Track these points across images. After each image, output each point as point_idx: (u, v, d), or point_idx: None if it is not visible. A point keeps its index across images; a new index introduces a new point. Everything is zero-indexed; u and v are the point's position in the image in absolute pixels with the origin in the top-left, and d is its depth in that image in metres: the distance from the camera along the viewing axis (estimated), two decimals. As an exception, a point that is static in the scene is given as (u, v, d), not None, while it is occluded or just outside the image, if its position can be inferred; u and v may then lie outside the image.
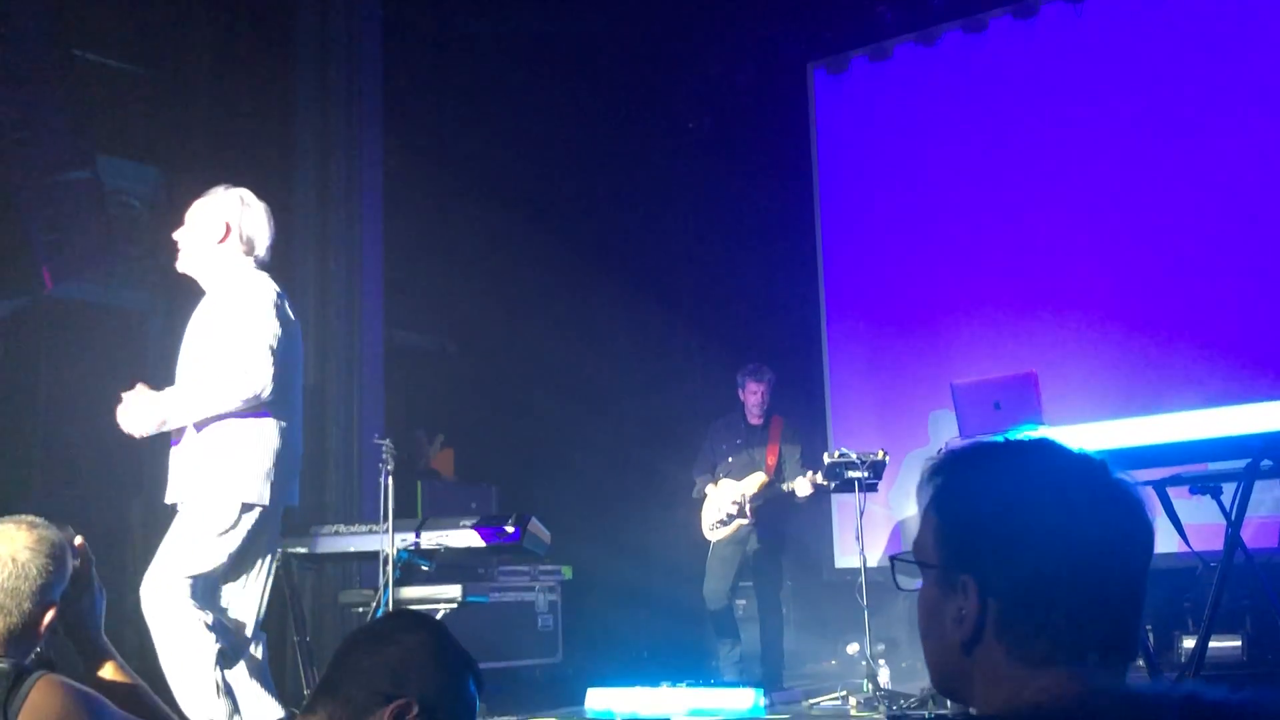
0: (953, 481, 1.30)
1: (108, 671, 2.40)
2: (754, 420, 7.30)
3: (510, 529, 5.97)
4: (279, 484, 4.07)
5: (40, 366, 6.49)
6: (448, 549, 5.98)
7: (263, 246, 4.30)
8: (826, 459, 6.65)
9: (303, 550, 6.03)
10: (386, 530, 5.68)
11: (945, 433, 7.44)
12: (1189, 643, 6.42)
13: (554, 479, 8.58)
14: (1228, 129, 7.84)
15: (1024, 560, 1.21)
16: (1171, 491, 5.34)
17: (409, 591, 6.14)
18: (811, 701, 6.35)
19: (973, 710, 1.27)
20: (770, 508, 7.06)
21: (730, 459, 7.21)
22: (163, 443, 4.33)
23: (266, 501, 4.02)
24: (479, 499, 7.98)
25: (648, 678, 6.54)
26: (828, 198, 9.63)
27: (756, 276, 9.82)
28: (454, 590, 6.19)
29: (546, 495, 8.03)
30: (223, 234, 4.21)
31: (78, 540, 2.40)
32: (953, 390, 5.53)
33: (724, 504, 7.09)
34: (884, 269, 9.16)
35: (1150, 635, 6.31)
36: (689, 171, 10.19)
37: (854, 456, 6.47)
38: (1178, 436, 4.74)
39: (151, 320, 7.27)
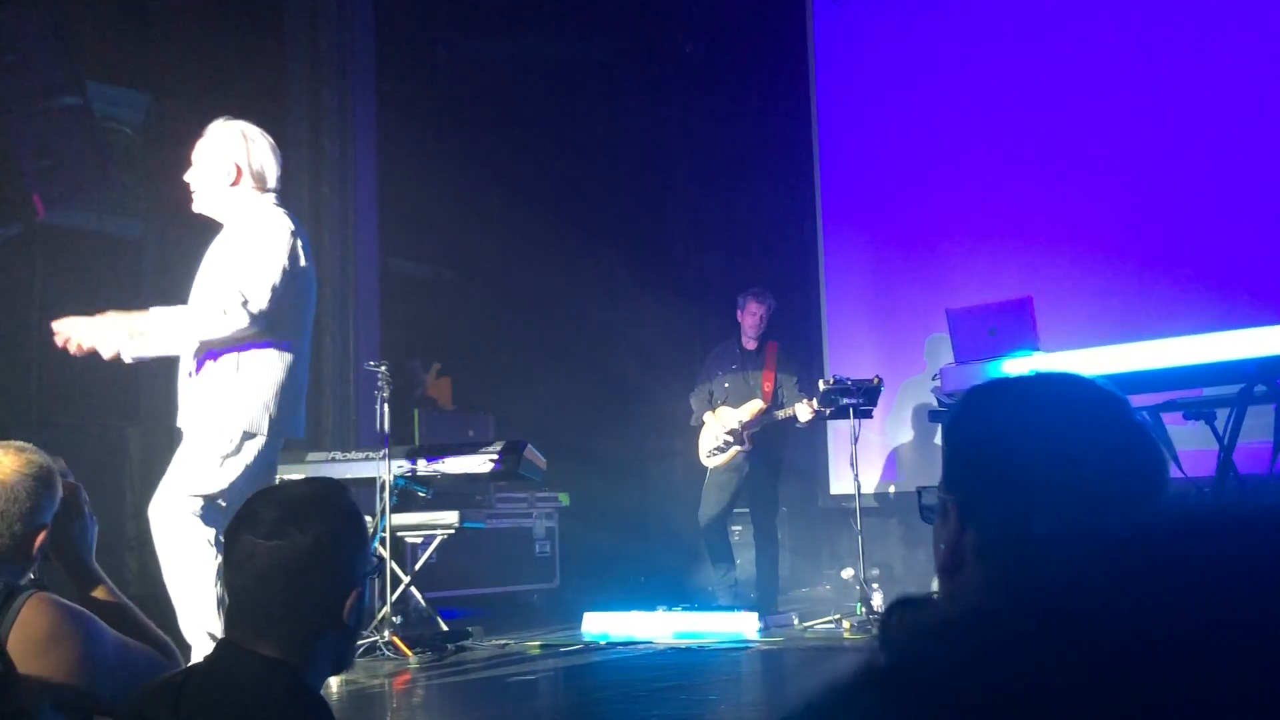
0: (961, 412, 1.27)
1: (99, 594, 2.43)
2: (748, 345, 7.27)
3: (506, 454, 6.00)
4: (281, 414, 4.10)
5: (34, 294, 6.48)
6: (444, 475, 6.01)
7: (273, 178, 4.28)
8: (821, 385, 6.66)
9: (298, 476, 6.05)
10: (383, 456, 5.71)
11: (941, 359, 7.44)
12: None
13: (551, 407, 8.61)
14: (1227, 53, 7.77)
15: (1005, 490, 1.15)
16: (1165, 417, 5.37)
17: (406, 518, 6.19)
18: (805, 624, 6.42)
19: None
20: (766, 434, 7.08)
21: (727, 385, 7.21)
22: (163, 371, 4.35)
23: (265, 432, 4.05)
24: (476, 427, 8.01)
25: (644, 602, 6.61)
26: (825, 123, 9.55)
27: (753, 203, 9.78)
28: (451, 516, 6.24)
29: (543, 423, 8.06)
30: (234, 176, 4.21)
31: (63, 469, 2.41)
32: (948, 316, 5.52)
33: (720, 431, 7.09)
34: (881, 195, 9.12)
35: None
36: (685, 96, 10.11)
37: (849, 382, 6.48)
38: (1172, 362, 4.75)
39: (145, 247, 7.25)
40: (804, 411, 6.78)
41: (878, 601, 6.52)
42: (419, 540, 6.56)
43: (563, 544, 8.34)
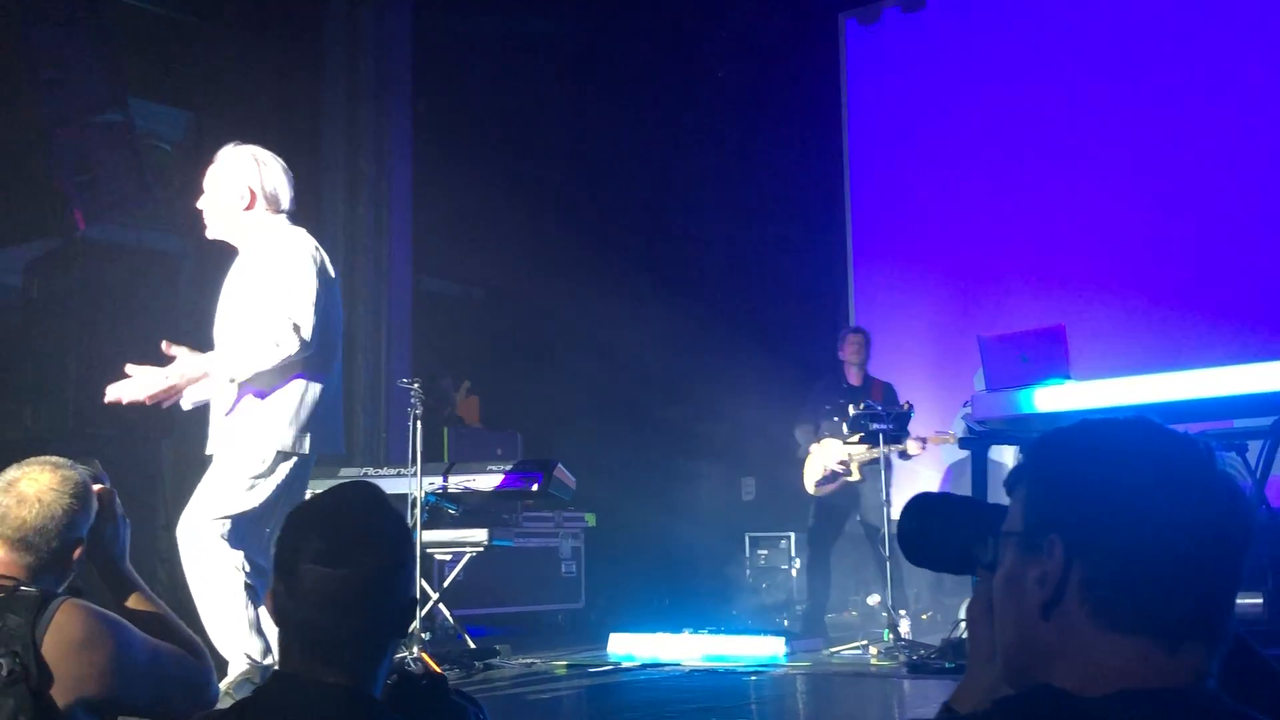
0: (1049, 452, 1.28)
1: (134, 601, 2.48)
2: (853, 380, 7.41)
3: (536, 475, 6.03)
4: (315, 431, 4.12)
5: (73, 307, 6.56)
6: (474, 493, 6.04)
7: (287, 199, 4.29)
8: (852, 410, 6.68)
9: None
10: (414, 473, 5.74)
11: (972, 387, 7.44)
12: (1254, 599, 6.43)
13: (579, 427, 8.64)
14: (1258, 84, 7.76)
15: (1116, 525, 1.19)
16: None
17: (435, 534, 6.22)
18: (832, 650, 6.41)
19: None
20: (874, 465, 7.21)
21: (835, 418, 7.30)
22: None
23: (299, 450, 4.06)
24: (505, 445, 8.04)
25: (670, 624, 6.61)
26: (857, 150, 9.58)
27: (784, 229, 9.80)
28: (480, 534, 6.27)
29: (571, 443, 8.08)
30: (248, 200, 4.21)
31: (99, 483, 2.46)
32: (980, 343, 5.52)
33: (830, 461, 7.20)
34: (912, 222, 9.13)
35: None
36: (718, 121, 10.15)
37: (880, 409, 6.50)
38: (1204, 393, 4.73)
39: (182, 262, 7.33)
40: (913, 447, 6.90)
41: (905, 628, 6.50)
42: (448, 557, 6.59)
43: (589, 564, 8.36)
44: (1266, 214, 7.65)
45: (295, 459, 4.08)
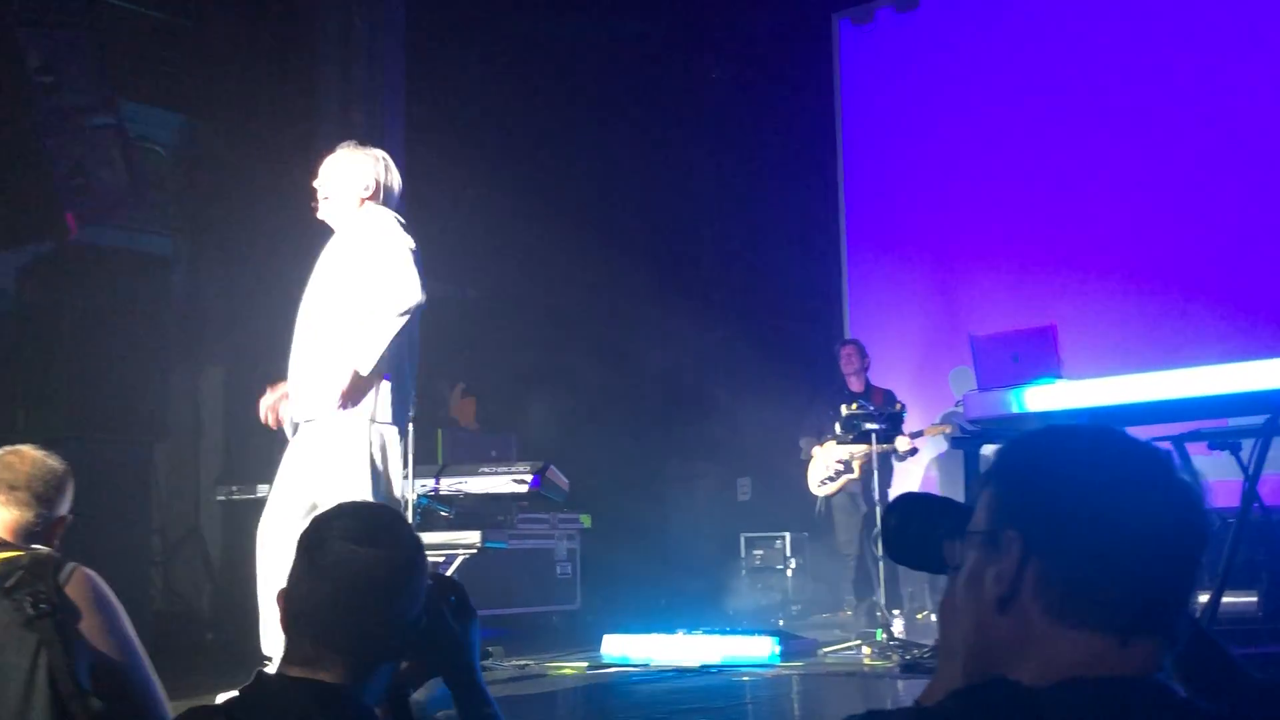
0: (1013, 455, 1.33)
1: None
2: (856, 387, 7.64)
3: (529, 476, 6.03)
4: (394, 420, 4.33)
5: (64, 311, 6.55)
6: (467, 495, 6.04)
7: (395, 199, 4.60)
8: (844, 410, 6.69)
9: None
10: (407, 476, 5.73)
11: (963, 386, 7.44)
12: (1204, 598, 6.44)
13: (574, 429, 8.63)
14: (1255, 82, 7.77)
15: (1071, 524, 1.23)
16: (1190, 447, 5.35)
17: (429, 537, 6.21)
18: (825, 649, 6.41)
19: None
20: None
21: (839, 425, 7.48)
22: (189, 387, 4.42)
23: (381, 439, 4.26)
24: (499, 447, 8.04)
25: (664, 625, 6.61)
26: (850, 149, 9.58)
27: (778, 231, 9.81)
28: (473, 536, 6.25)
29: (566, 445, 8.08)
30: (372, 191, 4.49)
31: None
32: (971, 342, 5.52)
33: (831, 461, 7.47)
34: (906, 221, 9.13)
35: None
36: (712, 120, 10.15)
37: (871, 408, 6.50)
38: (1197, 391, 4.73)
39: (175, 266, 7.33)
40: (902, 443, 7.11)
41: (899, 628, 6.50)
42: (441, 560, 6.58)
43: (584, 566, 8.35)
44: (1258, 212, 7.66)
45: (379, 445, 4.28)
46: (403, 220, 4.53)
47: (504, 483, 6.07)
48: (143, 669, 2.39)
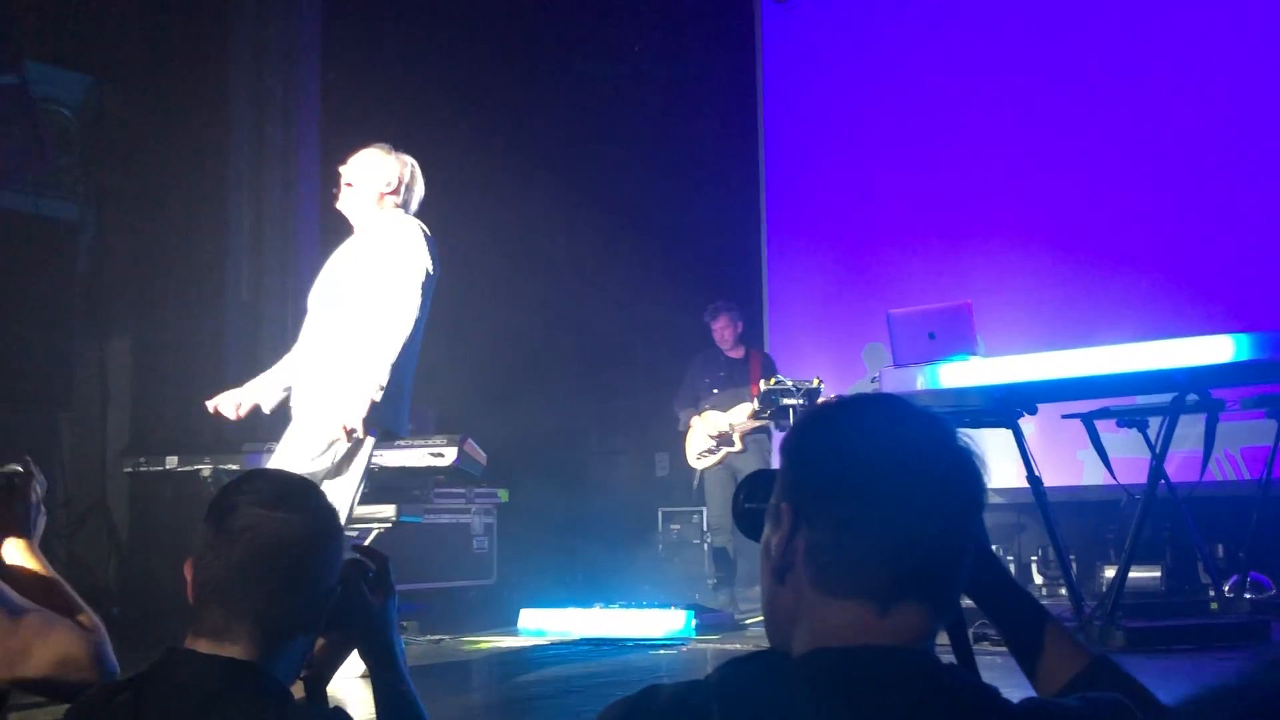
0: (795, 429, 1.37)
1: (20, 559, 2.41)
2: (732, 354, 7.50)
3: (446, 450, 5.97)
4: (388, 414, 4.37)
5: (-34, 276, 6.36)
6: (382, 468, 5.97)
7: (416, 202, 4.79)
8: (763, 385, 6.70)
9: (234, 467, 5.98)
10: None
11: (878, 361, 7.52)
12: (1110, 572, 6.58)
13: (491, 403, 8.57)
14: (1163, 63, 7.90)
15: (835, 494, 1.26)
16: (1100, 424, 5.45)
17: (343, 510, 6.13)
18: (742, 622, 6.44)
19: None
20: (757, 435, 7.31)
21: (715, 391, 7.39)
22: (95, 359, 4.32)
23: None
24: (416, 420, 7.92)
25: (580, 599, 6.60)
26: (772, 127, 9.60)
27: (699, 206, 9.80)
28: (388, 510, 6.19)
29: (484, 419, 8.02)
30: (394, 188, 4.66)
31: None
32: (888, 320, 5.57)
33: (710, 433, 7.28)
34: (825, 199, 9.18)
35: (1074, 564, 6.45)
36: (633, 97, 10.11)
37: (789, 384, 6.51)
38: (1106, 369, 4.81)
39: (81, 231, 7.14)
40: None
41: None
42: (354, 534, 6.50)
43: (501, 541, 8.31)
44: (1175, 189, 7.79)
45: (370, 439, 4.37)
46: (426, 230, 4.64)
47: (420, 456, 6.01)
48: (33, 625, 2.27)
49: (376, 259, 4.46)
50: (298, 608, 1.78)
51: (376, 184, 4.64)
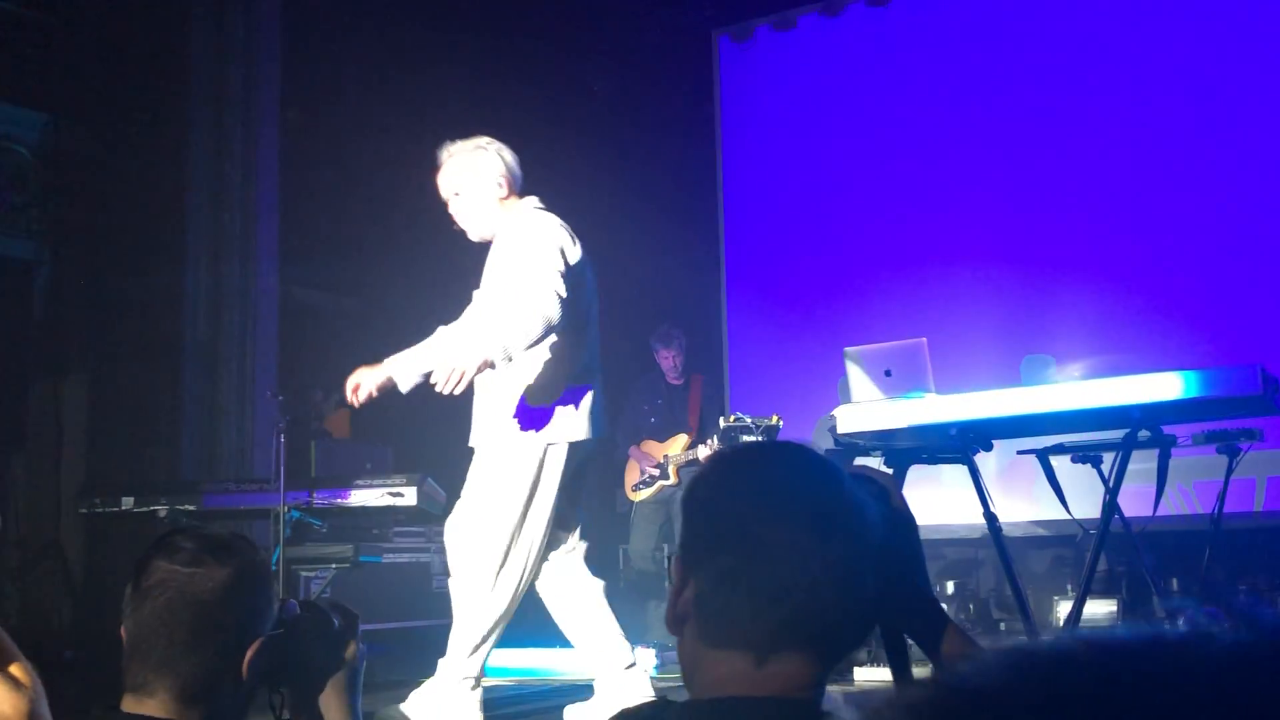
0: (694, 478, 1.37)
1: None
2: (674, 380, 7.37)
3: (405, 490, 5.95)
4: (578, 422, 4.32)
5: (-82, 316, 6.30)
6: (340, 508, 5.94)
7: (520, 183, 4.45)
8: (722, 423, 6.72)
9: (191, 507, 5.94)
10: (278, 489, 5.62)
11: (839, 400, 7.55)
12: (1066, 606, 6.64)
13: (450, 441, 8.52)
14: (1121, 99, 8.03)
15: (718, 546, 1.26)
16: (1054, 460, 5.52)
17: (302, 551, 6.10)
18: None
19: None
20: (694, 468, 7.17)
21: (653, 420, 7.31)
22: (48, 395, 4.27)
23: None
24: (374, 459, 7.92)
25: (544, 639, 6.56)
26: (730, 165, 9.67)
27: (658, 242, 9.83)
28: (347, 550, 6.16)
29: (443, 457, 7.98)
30: (505, 190, 4.38)
31: None
32: (845, 356, 5.61)
33: (646, 465, 7.13)
34: (785, 236, 9.24)
35: (1030, 598, 6.49)
36: (592, 133, 10.15)
37: (749, 421, 6.54)
38: (1060, 406, 4.87)
39: (38, 270, 7.08)
40: (704, 453, 6.87)
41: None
42: (313, 574, 6.46)
43: (461, 579, 8.25)
44: (1131, 224, 7.90)
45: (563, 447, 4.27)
46: (541, 205, 4.31)
47: (378, 495, 5.99)
48: None
49: (511, 260, 4.21)
50: (212, 659, 1.80)
51: (487, 199, 4.38)
